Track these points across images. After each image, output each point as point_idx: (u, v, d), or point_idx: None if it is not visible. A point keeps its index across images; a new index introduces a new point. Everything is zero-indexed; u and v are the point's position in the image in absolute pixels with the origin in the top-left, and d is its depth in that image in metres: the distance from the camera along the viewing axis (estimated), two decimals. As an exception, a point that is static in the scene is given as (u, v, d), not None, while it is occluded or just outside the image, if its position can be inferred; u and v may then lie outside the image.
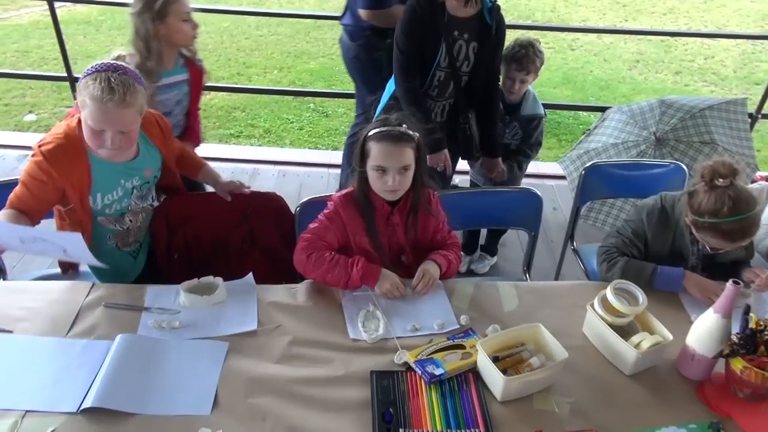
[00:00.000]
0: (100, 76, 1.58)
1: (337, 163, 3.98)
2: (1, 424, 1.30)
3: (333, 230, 1.78)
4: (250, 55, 6.65)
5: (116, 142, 1.64)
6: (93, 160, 1.71)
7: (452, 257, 1.83)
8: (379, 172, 1.68)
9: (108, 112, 1.58)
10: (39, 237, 1.53)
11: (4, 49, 6.44)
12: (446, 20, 2.28)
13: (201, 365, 1.47)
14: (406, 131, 1.67)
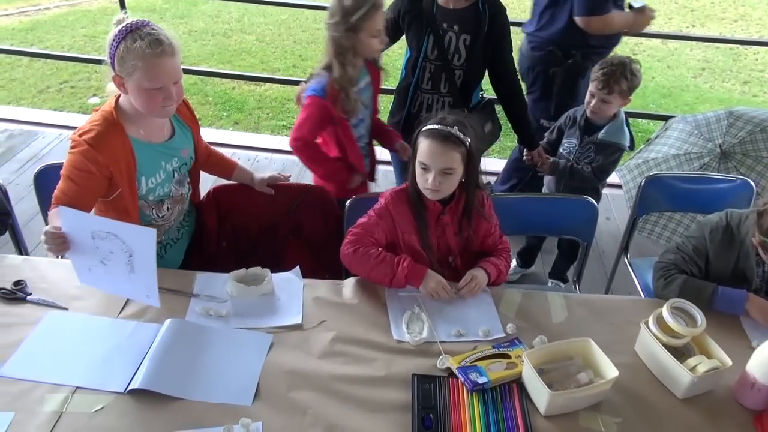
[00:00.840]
0: (137, 34, 1.52)
1: (387, 159, 3.97)
2: (53, 398, 1.35)
3: (382, 226, 1.77)
4: (306, 48, 6.71)
5: (174, 93, 1.60)
6: (135, 143, 1.68)
7: (502, 266, 1.79)
8: (422, 169, 1.67)
9: (163, 63, 1.54)
10: (111, 232, 1.42)
11: (74, 34, 6.70)
12: (435, 11, 2.26)
13: (245, 355, 1.48)
14: (456, 134, 1.63)
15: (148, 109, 1.62)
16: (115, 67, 1.57)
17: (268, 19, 7.48)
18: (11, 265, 1.73)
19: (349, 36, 2.00)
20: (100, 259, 1.48)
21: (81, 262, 1.54)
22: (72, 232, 1.48)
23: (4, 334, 1.50)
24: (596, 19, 2.54)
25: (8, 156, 3.75)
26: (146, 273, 1.45)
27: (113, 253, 1.44)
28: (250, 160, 3.87)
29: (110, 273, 1.50)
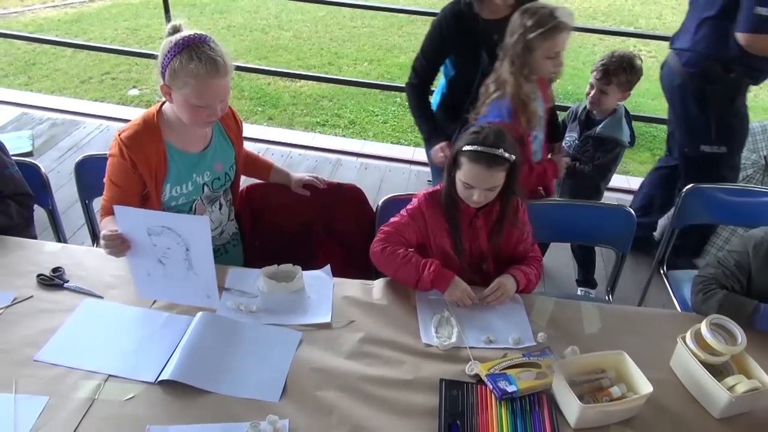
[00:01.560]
0: (194, 52, 1.51)
1: (420, 160, 3.96)
2: (86, 385, 1.37)
3: (413, 227, 1.76)
4: (342, 46, 6.73)
5: (219, 110, 1.62)
6: (169, 148, 1.69)
7: (532, 274, 1.76)
8: (465, 187, 1.66)
9: (215, 84, 1.54)
10: (165, 225, 1.42)
11: (116, 26, 6.85)
12: (481, 27, 2.14)
13: (274, 352, 1.49)
14: (502, 155, 1.61)
15: (191, 122, 1.64)
16: (165, 77, 1.56)
17: (305, 16, 7.53)
18: (50, 252, 1.77)
19: (525, 54, 1.97)
20: (158, 258, 1.48)
21: (140, 266, 1.52)
22: (128, 231, 1.47)
23: (41, 320, 1.53)
24: (759, 38, 2.28)
25: (50, 144, 3.85)
26: (204, 267, 1.45)
27: (170, 249, 1.44)
28: (284, 156, 3.89)
29: (169, 275, 1.50)
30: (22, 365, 1.41)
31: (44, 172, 2.11)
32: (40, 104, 4.35)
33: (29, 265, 1.70)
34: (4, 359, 1.42)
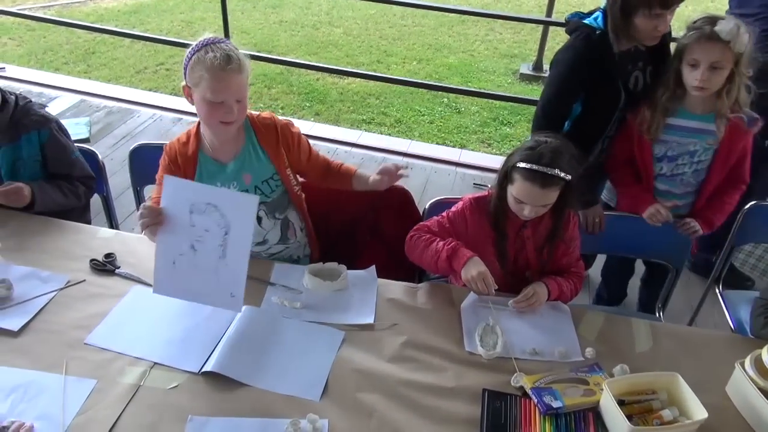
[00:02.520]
0: (210, 48, 1.55)
1: (466, 162, 3.92)
2: (133, 371, 1.40)
3: (449, 231, 1.75)
4: (391, 44, 6.72)
5: (235, 111, 1.60)
6: (201, 156, 1.71)
7: (566, 287, 1.72)
8: (518, 201, 1.63)
9: (227, 78, 1.55)
10: (212, 203, 1.39)
11: (172, 18, 7.01)
12: (618, 58, 1.97)
13: (316, 350, 1.48)
14: (557, 175, 1.56)
15: (207, 122, 1.64)
16: (186, 76, 1.61)
17: (356, 13, 7.55)
18: (103, 238, 1.81)
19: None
20: (191, 243, 1.46)
21: (167, 252, 1.48)
22: (171, 205, 1.46)
23: (93, 304, 1.57)
24: None
25: (106, 131, 3.96)
26: (239, 255, 1.42)
27: (208, 231, 1.42)
28: (330, 153, 3.90)
29: (196, 265, 1.46)
30: (72, 347, 1.45)
31: (101, 159, 2.16)
32: (98, 92, 4.48)
33: (83, 250, 1.74)
34: (56, 340, 1.46)
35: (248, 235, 1.41)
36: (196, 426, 1.29)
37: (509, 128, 4.93)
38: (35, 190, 1.85)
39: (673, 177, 2.04)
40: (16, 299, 1.56)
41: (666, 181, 2.06)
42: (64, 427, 1.26)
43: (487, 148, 4.61)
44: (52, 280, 1.63)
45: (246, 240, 1.41)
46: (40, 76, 4.72)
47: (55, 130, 1.92)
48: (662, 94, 1.93)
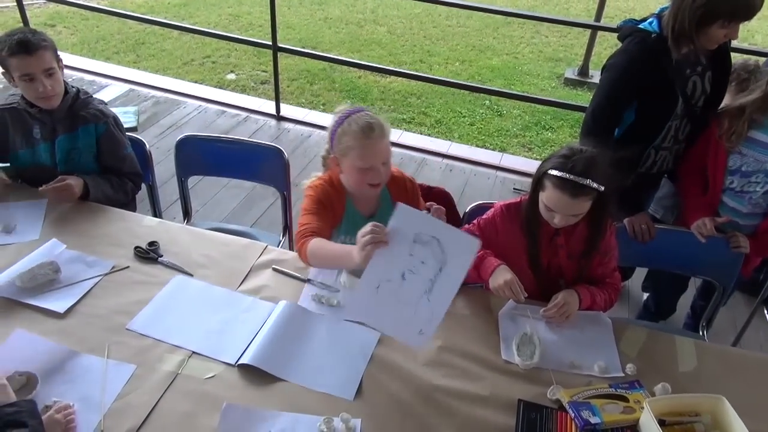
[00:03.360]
0: (353, 119, 1.62)
1: (506, 166, 3.87)
2: (172, 359, 1.42)
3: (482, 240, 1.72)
4: (435, 44, 6.68)
5: (382, 174, 1.66)
6: (348, 206, 1.75)
7: (600, 297, 1.67)
8: (548, 209, 1.60)
9: (373, 145, 1.61)
10: (436, 236, 1.35)
11: (220, 12, 7.12)
12: (675, 63, 1.88)
13: (351, 349, 1.48)
14: (590, 185, 1.50)
15: (358, 187, 1.69)
16: (333, 147, 1.67)
17: (401, 12, 7.54)
18: (148, 226, 1.85)
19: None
20: (402, 272, 1.38)
21: (375, 274, 1.39)
22: (397, 231, 1.39)
23: (136, 291, 1.60)
24: None
25: (153, 121, 4.05)
26: (443, 295, 1.37)
27: (424, 264, 1.37)
28: (369, 151, 3.91)
29: (398, 294, 1.39)
30: (114, 332, 1.48)
31: (148, 149, 2.21)
32: (146, 82, 4.58)
33: (128, 237, 1.78)
34: (99, 324, 1.50)
35: (460, 276, 1.35)
36: (229, 415, 1.30)
37: (551, 133, 4.85)
38: (89, 182, 1.91)
39: (742, 194, 1.96)
40: (63, 282, 1.60)
41: (734, 197, 1.98)
42: (103, 409, 1.29)
43: (527, 153, 4.55)
44: (98, 265, 1.67)
45: (456, 281, 1.36)
46: (92, 65, 4.85)
47: (111, 125, 1.98)
48: (752, 104, 1.85)
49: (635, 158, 2.00)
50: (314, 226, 1.63)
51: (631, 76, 1.89)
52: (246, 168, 2.31)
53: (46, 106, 1.88)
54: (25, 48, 1.77)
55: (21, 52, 1.77)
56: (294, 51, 4.49)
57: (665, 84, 1.89)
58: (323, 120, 4.29)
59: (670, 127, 1.96)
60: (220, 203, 3.29)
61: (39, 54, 1.78)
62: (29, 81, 1.81)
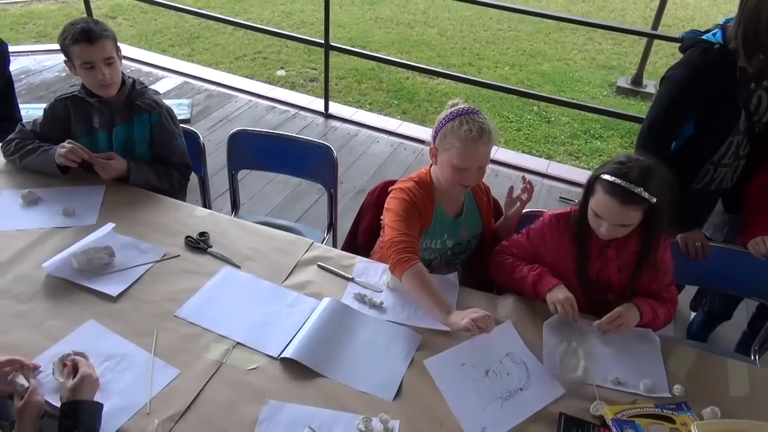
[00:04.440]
0: (465, 119, 1.61)
1: (553, 174, 3.81)
2: (217, 348, 1.45)
3: (529, 250, 1.73)
4: (485, 48, 6.63)
5: (476, 176, 1.68)
6: (438, 206, 1.76)
7: (661, 312, 1.62)
8: (595, 215, 1.56)
9: (477, 149, 1.61)
10: (527, 364, 1.47)
11: (273, 9, 7.24)
12: (739, 75, 1.81)
13: (393, 350, 1.49)
14: (641, 195, 1.45)
15: (448, 183, 1.69)
16: (436, 139, 1.68)
17: (452, 14, 7.51)
18: (199, 217, 1.89)
19: None
20: (488, 369, 1.46)
21: (463, 354, 1.48)
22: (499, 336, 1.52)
23: (185, 280, 1.64)
24: None
25: (205, 114, 4.15)
26: (515, 411, 1.37)
27: (509, 375, 1.44)
28: (416, 153, 3.92)
29: (476, 386, 1.42)
30: (163, 318, 1.52)
31: (202, 141, 2.26)
32: (200, 75, 4.69)
33: (180, 227, 1.83)
34: (149, 310, 1.54)
35: (535, 408, 1.38)
36: (271, 409, 1.32)
37: (600, 142, 4.76)
38: (132, 167, 1.96)
39: None
40: (117, 266, 1.66)
41: None
42: (151, 393, 1.33)
43: (575, 161, 4.47)
44: (150, 252, 1.72)
45: (530, 409, 1.38)
46: (149, 57, 5.00)
47: (164, 116, 2.03)
48: None
49: (692, 173, 1.94)
50: (411, 242, 1.62)
51: (692, 87, 1.83)
52: (295, 164, 2.35)
53: (105, 94, 1.94)
54: (87, 37, 1.83)
55: (83, 40, 1.83)
56: (345, 50, 4.52)
57: (727, 97, 1.82)
58: (370, 119, 4.32)
59: (731, 143, 1.88)
60: (267, 197, 3.34)
61: (100, 43, 1.84)
62: (89, 69, 1.88)
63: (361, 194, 3.43)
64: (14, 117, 2.71)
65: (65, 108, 2.00)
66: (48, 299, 1.54)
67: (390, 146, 4.00)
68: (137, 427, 1.26)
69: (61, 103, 2.00)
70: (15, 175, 1.98)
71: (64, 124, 2.01)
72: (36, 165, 1.96)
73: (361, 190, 3.48)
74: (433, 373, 1.44)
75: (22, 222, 1.78)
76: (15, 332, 1.44)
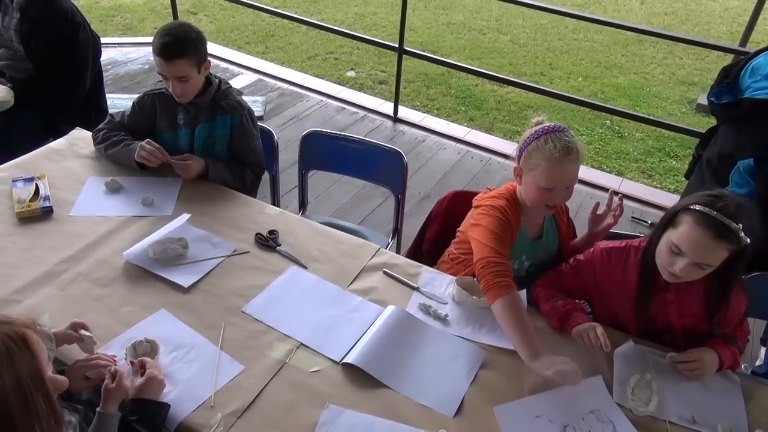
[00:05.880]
0: (551, 137, 1.57)
1: (625, 192, 3.67)
2: (281, 347, 1.47)
3: (574, 279, 1.66)
4: (558, 57, 6.48)
5: (563, 197, 1.65)
6: (522, 229, 1.71)
7: (739, 356, 1.53)
8: (672, 251, 1.41)
9: (564, 169, 1.56)
10: (614, 425, 1.35)
11: (347, 11, 7.32)
12: None
13: (456, 365, 1.46)
14: (737, 232, 1.33)
15: (533, 204, 1.65)
16: (520, 159, 1.63)
17: (526, 21, 7.38)
18: (269, 215, 1.92)
19: None
20: (566, 424, 1.35)
21: (541, 403, 1.39)
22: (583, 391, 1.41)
23: (253, 276, 1.67)
24: None
25: (277, 111, 4.23)
26: None
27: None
28: (483, 162, 3.86)
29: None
30: (230, 313, 1.55)
31: (276, 140, 2.30)
32: (273, 73, 4.79)
33: (250, 223, 1.86)
34: (217, 303, 1.58)
35: None
36: (331, 414, 1.32)
37: (675, 161, 4.55)
38: (210, 165, 2.02)
39: None
40: (190, 258, 1.70)
41: None
42: (216, 387, 1.35)
43: (647, 180, 4.29)
44: (221, 246, 1.76)
45: None
46: (227, 53, 5.15)
47: (245, 117, 2.08)
48: None
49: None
50: (507, 264, 1.56)
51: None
52: (364, 167, 2.35)
53: (178, 101, 2.02)
54: (165, 54, 1.89)
55: (160, 55, 1.89)
56: (419, 55, 4.50)
57: None
58: (438, 125, 4.29)
59: None
60: (332, 197, 3.37)
61: (174, 63, 1.89)
62: (164, 78, 1.96)
63: (426, 201, 3.41)
64: (102, 107, 2.86)
65: (152, 103, 2.08)
66: (124, 285, 1.60)
67: (457, 154, 3.96)
68: (201, 419, 1.29)
69: (149, 98, 2.08)
70: (101, 163, 2.07)
71: (150, 118, 2.09)
72: (118, 157, 2.04)
73: (426, 197, 3.46)
74: (501, 422, 1.34)
75: (104, 208, 1.86)
76: (92, 314, 1.49)
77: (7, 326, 0.88)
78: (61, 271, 1.62)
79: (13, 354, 0.86)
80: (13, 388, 0.85)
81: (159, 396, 1.30)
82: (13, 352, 0.86)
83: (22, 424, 0.86)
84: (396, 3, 7.69)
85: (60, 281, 1.59)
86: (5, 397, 0.84)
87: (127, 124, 2.11)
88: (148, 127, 2.09)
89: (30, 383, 0.87)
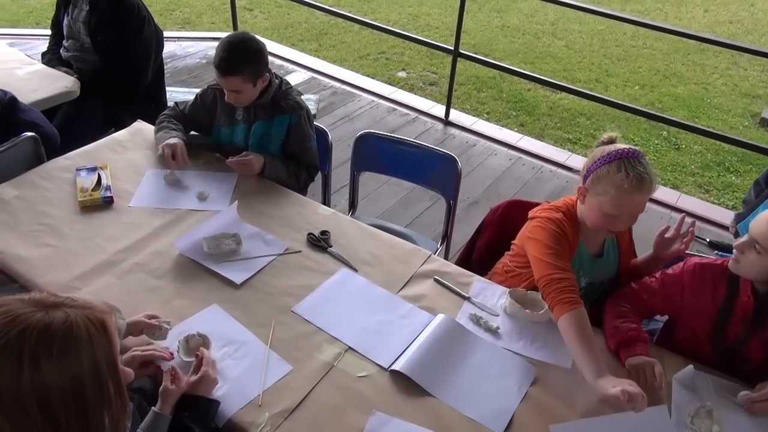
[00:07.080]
0: (624, 163, 1.47)
1: (683, 207, 3.54)
2: (330, 349, 1.46)
3: (661, 295, 1.58)
4: (615, 64, 6.30)
5: (627, 224, 1.59)
6: (581, 246, 1.66)
7: None
8: None
9: (633, 200, 1.49)
10: None
11: (401, 11, 7.31)
12: None
13: (507, 380, 1.43)
14: None
15: (594, 226, 1.59)
16: (587, 180, 1.56)
17: (583, 27, 7.21)
18: (322, 215, 1.92)
19: None
20: None
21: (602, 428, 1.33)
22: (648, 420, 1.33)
23: (304, 275, 1.67)
24: None
25: (328, 110, 4.25)
26: None
27: None
28: (534, 170, 3.78)
29: None
30: (281, 311, 1.56)
31: (330, 140, 2.30)
32: (326, 72, 4.82)
33: (303, 223, 1.86)
34: (268, 301, 1.58)
35: None
36: (378, 421, 1.31)
37: (735, 177, 4.37)
38: (268, 162, 2.04)
39: None
40: (242, 255, 1.72)
41: None
42: (264, 386, 1.36)
43: (704, 195, 4.13)
44: (274, 244, 1.77)
45: None
46: (281, 50, 5.21)
47: (303, 117, 2.10)
48: None
49: None
50: (571, 280, 1.49)
51: None
52: (416, 170, 2.33)
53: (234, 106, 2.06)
54: (221, 69, 1.93)
55: (217, 69, 1.94)
56: (473, 58, 4.45)
57: None
58: (490, 130, 4.23)
59: None
60: (380, 198, 3.36)
61: (228, 77, 1.93)
62: None
63: (474, 206, 3.36)
64: (162, 101, 2.93)
65: (213, 97, 2.11)
66: (178, 278, 1.63)
67: (508, 160, 3.89)
68: (249, 417, 1.29)
69: (212, 92, 2.12)
70: (160, 155, 2.12)
71: (211, 112, 2.13)
72: (156, 141, 2.10)
73: (475, 202, 3.41)
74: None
75: (161, 201, 1.90)
76: (147, 305, 1.52)
77: (89, 310, 0.89)
78: (120, 260, 1.66)
79: (92, 337, 0.87)
80: (90, 370, 0.86)
81: (210, 393, 1.31)
82: (93, 335, 0.87)
83: (94, 406, 0.87)
84: (450, 5, 7.65)
85: (118, 270, 1.63)
86: (81, 379, 0.85)
87: (187, 114, 2.15)
88: (208, 119, 2.13)
89: (105, 367, 0.88)
